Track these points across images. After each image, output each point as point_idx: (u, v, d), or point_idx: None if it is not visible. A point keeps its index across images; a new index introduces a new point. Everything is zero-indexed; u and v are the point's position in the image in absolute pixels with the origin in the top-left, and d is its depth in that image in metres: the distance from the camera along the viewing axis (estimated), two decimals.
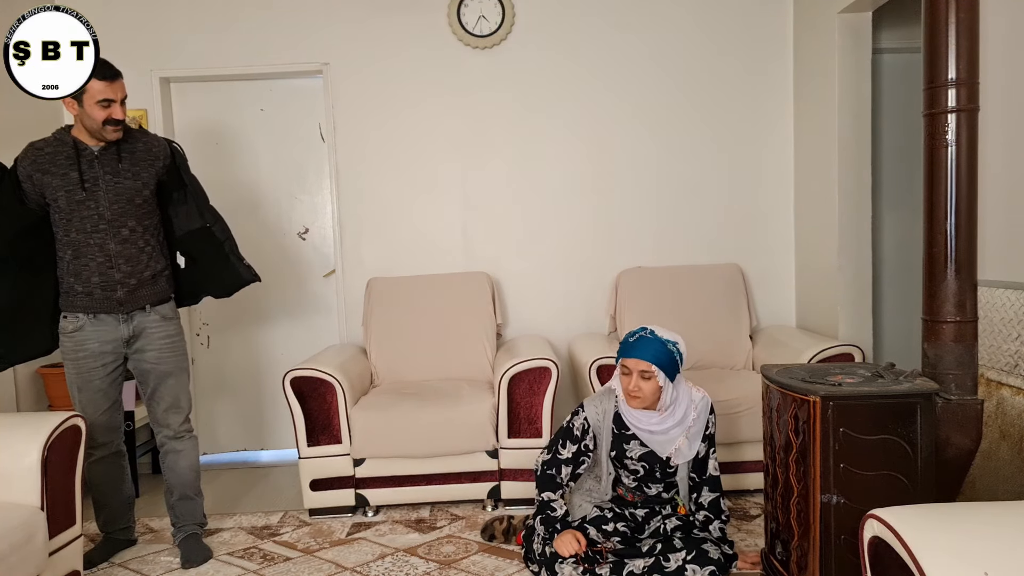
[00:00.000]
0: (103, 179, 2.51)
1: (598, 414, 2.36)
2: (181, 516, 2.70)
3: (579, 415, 2.38)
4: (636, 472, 2.35)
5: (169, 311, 2.65)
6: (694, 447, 2.30)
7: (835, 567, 1.98)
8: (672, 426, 2.28)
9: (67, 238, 2.49)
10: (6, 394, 3.16)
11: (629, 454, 2.33)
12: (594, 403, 2.39)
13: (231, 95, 3.79)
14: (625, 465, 2.36)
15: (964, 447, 2.05)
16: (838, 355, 2.93)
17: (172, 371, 2.64)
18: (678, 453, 2.29)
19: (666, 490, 2.37)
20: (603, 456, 2.38)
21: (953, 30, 2.00)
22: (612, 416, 2.35)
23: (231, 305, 3.73)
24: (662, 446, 2.29)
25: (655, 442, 2.30)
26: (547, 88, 3.68)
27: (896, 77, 3.71)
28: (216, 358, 3.87)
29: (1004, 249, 2.25)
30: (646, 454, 2.32)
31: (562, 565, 2.19)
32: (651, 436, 2.30)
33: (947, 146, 2.03)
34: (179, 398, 2.67)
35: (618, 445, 2.34)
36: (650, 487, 2.37)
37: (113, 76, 2.50)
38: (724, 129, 3.70)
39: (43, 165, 2.48)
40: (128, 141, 2.59)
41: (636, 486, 2.38)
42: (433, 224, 3.73)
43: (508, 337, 3.69)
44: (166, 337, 2.62)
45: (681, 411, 2.29)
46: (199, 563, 2.62)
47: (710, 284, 3.54)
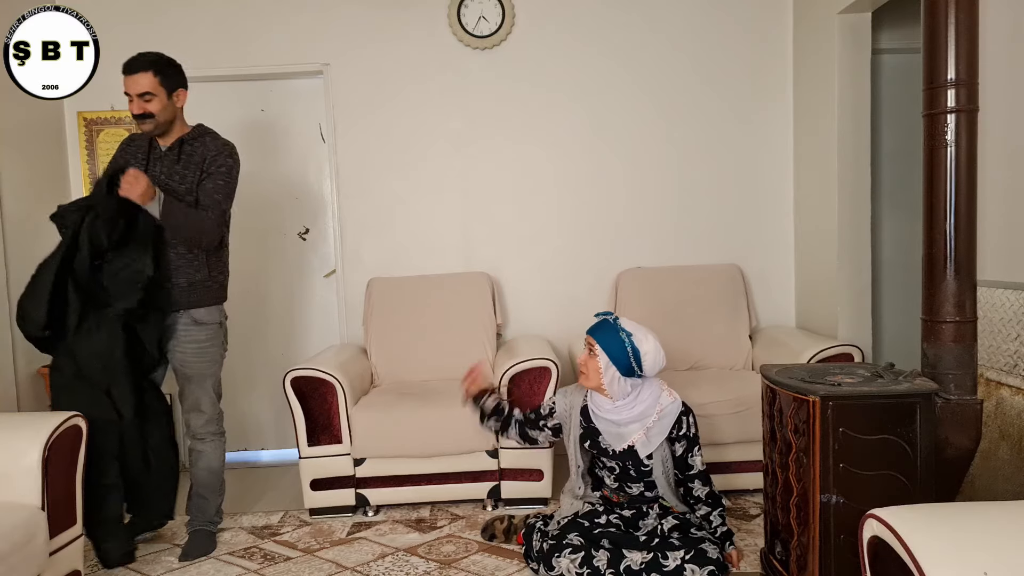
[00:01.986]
0: (160, 179, 2.55)
1: (565, 405, 2.48)
2: (193, 512, 2.77)
3: (549, 399, 2.61)
4: (613, 470, 2.40)
5: (205, 315, 2.64)
6: (654, 443, 2.31)
7: (834, 567, 1.99)
8: (629, 420, 2.32)
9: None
10: (7, 394, 3.16)
11: (603, 446, 2.38)
12: (565, 394, 2.52)
13: (232, 95, 3.79)
14: (603, 462, 2.41)
15: (963, 447, 2.05)
16: (838, 355, 2.93)
17: (193, 376, 2.67)
18: (639, 445, 2.32)
19: (647, 489, 2.40)
20: (571, 445, 2.47)
21: (953, 31, 2.01)
22: (580, 409, 2.43)
23: (231, 305, 3.72)
24: (618, 439, 2.34)
25: (611, 434, 2.35)
26: (547, 88, 3.68)
27: (896, 78, 3.72)
28: None
29: (1003, 249, 2.25)
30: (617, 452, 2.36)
31: (559, 558, 2.19)
32: (608, 427, 2.36)
33: (947, 146, 2.04)
34: (200, 401, 2.69)
35: (591, 436, 2.42)
36: (630, 487, 2.40)
37: (129, 69, 2.50)
38: (724, 129, 3.70)
39: (126, 158, 2.59)
40: (192, 142, 2.61)
41: (617, 486, 2.42)
42: (433, 224, 3.74)
43: (508, 337, 3.70)
44: (194, 342, 2.64)
45: (641, 408, 2.31)
46: (194, 557, 2.65)
47: (710, 284, 3.54)
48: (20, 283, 3.20)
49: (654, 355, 2.28)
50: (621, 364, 2.26)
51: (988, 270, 2.25)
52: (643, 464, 2.34)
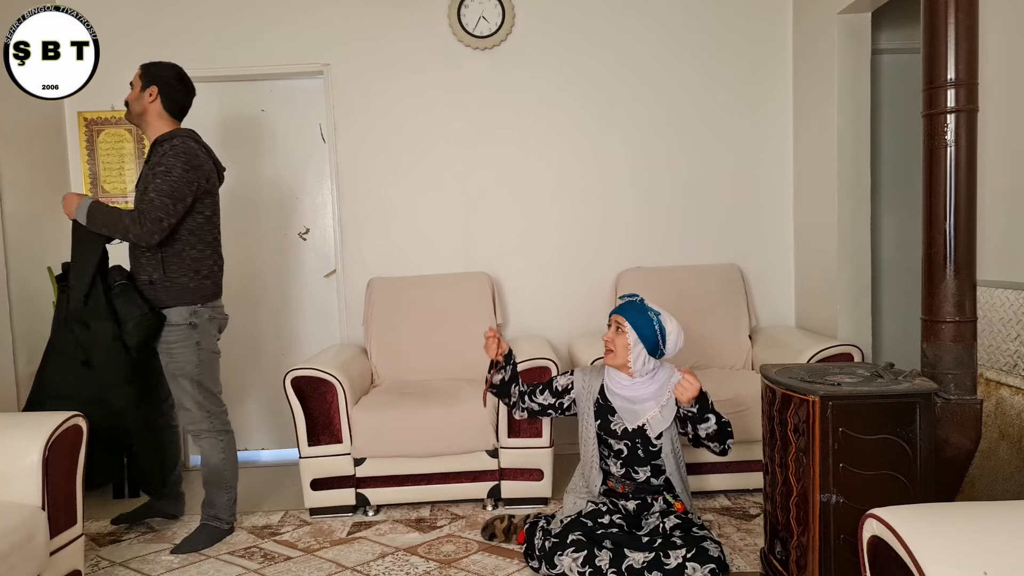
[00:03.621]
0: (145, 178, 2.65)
1: (584, 385, 2.52)
2: (202, 505, 2.83)
3: (566, 375, 2.58)
4: (620, 452, 2.42)
5: (172, 315, 2.66)
6: (668, 419, 2.37)
7: (834, 566, 1.99)
8: (646, 397, 2.37)
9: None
10: (7, 394, 3.16)
11: (613, 426, 2.41)
12: (584, 373, 2.55)
13: (232, 96, 3.79)
14: (610, 445, 2.43)
15: (963, 447, 2.05)
16: (837, 355, 2.94)
17: (171, 374, 2.71)
18: (653, 422, 2.37)
19: (654, 475, 2.41)
20: (588, 433, 2.48)
21: (952, 31, 2.00)
22: (598, 390, 2.48)
23: (231, 305, 3.72)
24: (634, 416, 2.39)
25: (627, 411, 2.40)
26: (547, 89, 3.69)
27: (895, 78, 3.72)
28: None
29: (1003, 249, 2.25)
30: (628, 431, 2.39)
31: (561, 557, 2.20)
32: (624, 404, 2.40)
33: (946, 147, 2.03)
34: (182, 400, 2.73)
35: (603, 415, 2.45)
36: (637, 471, 2.41)
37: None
38: (724, 129, 3.70)
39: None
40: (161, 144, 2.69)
41: (624, 472, 2.42)
42: (433, 224, 3.74)
43: (508, 337, 3.69)
44: (165, 342, 2.68)
45: (657, 385, 2.38)
46: (185, 551, 2.70)
47: (710, 284, 3.54)
48: (20, 283, 3.23)
49: (676, 335, 2.37)
50: (649, 342, 2.34)
51: (988, 270, 2.25)
52: (652, 444, 2.38)
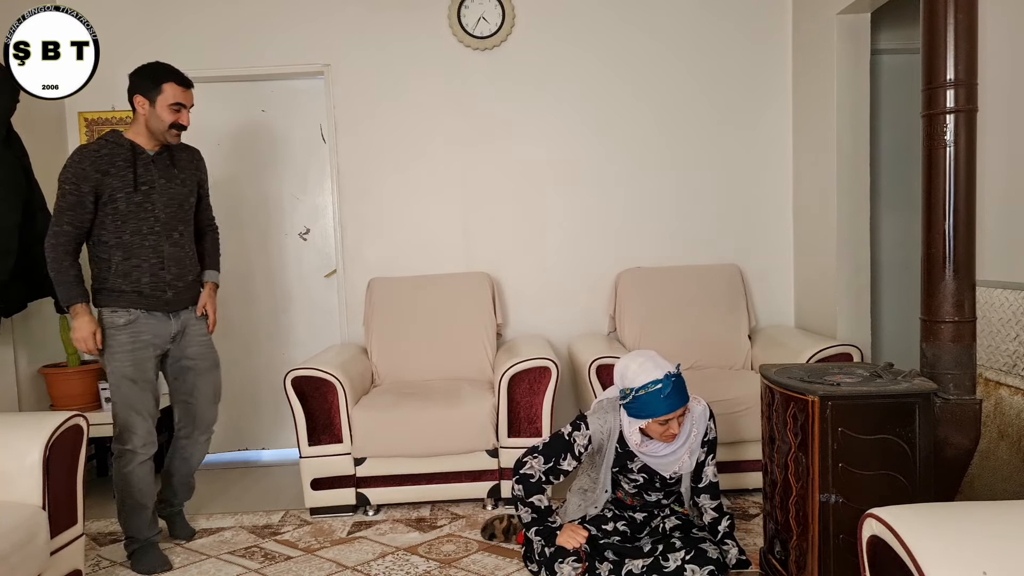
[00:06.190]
0: (158, 183, 2.57)
1: (602, 432, 2.26)
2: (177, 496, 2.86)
3: (581, 431, 2.26)
4: (636, 481, 2.33)
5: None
6: (695, 458, 2.27)
7: (834, 566, 1.99)
8: (679, 447, 2.22)
9: (118, 240, 2.50)
10: (8, 394, 3.16)
11: (631, 466, 2.31)
12: (598, 418, 2.28)
13: (233, 96, 3.80)
14: (626, 475, 2.34)
15: (962, 447, 2.05)
16: (837, 355, 2.94)
17: (211, 367, 2.76)
18: (684, 468, 2.26)
19: (666, 497, 2.37)
20: (604, 473, 2.32)
21: (952, 31, 2.01)
22: (617, 435, 2.26)
23: (232, 305, 3.74)
24: (667, 467, 2.26)
25: (661, 464, 2.25)
26: (547, 89, 3.69)
27: (895, 78, 3.72)
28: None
29: (1002, 249, 2.26)
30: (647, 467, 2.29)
31: (562, 565, 2.19)
32: (658, 460, 2.24)
33: (946, 147, 2.04)
34: (219, 390, 2.81)
35: (621, 461, 2.31)
36: (650, 495, 2.35)
37: (189, 84, 2.60)
38: (723, 129, 3.71)
39: (103, 166, 2.47)
40: (176, 149, 2.67)
41: (636, 493, 2.36)
42: (434, 224, 3.74)
43: (508, 337, 3.70)
44: (204, 334, 2.73)
45: (687, 429, 2.23)
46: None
47: (709, 284, 3.54)
48: None
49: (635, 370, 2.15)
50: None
51: (987, 270, 2.25)
52: (668, 478, 2.30)
